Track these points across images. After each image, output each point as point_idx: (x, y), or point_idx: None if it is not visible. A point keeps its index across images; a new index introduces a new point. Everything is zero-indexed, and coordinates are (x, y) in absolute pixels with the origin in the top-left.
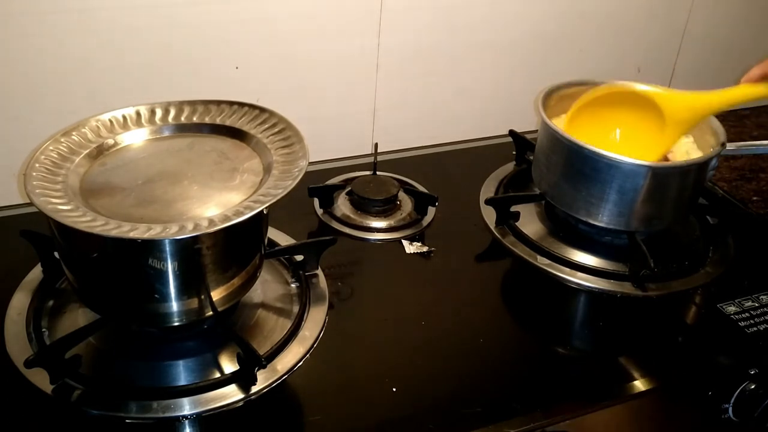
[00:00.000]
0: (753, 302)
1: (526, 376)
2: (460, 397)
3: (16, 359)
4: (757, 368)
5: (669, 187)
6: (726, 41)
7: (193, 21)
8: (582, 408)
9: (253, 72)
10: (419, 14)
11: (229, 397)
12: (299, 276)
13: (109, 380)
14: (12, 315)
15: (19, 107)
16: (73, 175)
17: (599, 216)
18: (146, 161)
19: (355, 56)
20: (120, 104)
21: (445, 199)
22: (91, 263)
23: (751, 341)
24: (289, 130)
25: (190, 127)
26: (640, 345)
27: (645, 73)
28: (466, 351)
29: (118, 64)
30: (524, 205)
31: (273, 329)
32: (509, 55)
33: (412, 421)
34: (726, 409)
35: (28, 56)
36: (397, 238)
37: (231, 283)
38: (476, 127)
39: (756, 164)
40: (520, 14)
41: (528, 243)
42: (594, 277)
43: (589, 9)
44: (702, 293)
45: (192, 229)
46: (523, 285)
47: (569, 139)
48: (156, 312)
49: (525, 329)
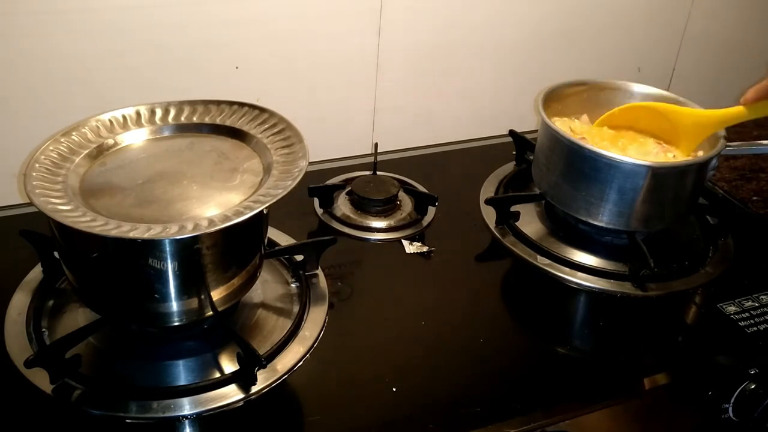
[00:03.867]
0: (753, 302)
1: (526, 376)
2: (460, 397)
3: (16, 359)
4: (757, 368)
5: (669, 187)
6: (726, 41)
7: (193, 21)
8: (582, 408)
9: (253, 72)
10: (419, 14)
11: (229, 397)
12: (299, 276)
13: (109, 380)
14: (12, 315)
15: (19, 107)
16: (73, 175)
17: (599, 216)
18: (146, 161)
19: (355, 56)
20: (120, 104)
21: (445, 199)
22: (91, 263)
23: (751, 341)
24: (289, 130)
25: (190, 127)
26: (640, 345)
27: (645, 73)
28: (466, 351)
29: (118, 64)
30: (524, 205)
31: (273, 329)
32: (509, 55)
33: (412, 421)
34: (726, 409)
35: (28, 56)
36: (397, 238)
37: (231, 283)
38: (476, 127)
39: (756, 164)
40: (521, 14)
41: (528, 243)
42: (594, 277)
43: (589, 9)
44: (702, 293)
45: (192, 229)
46: (523, 285)
47: (569, 139)
48: (156, 312)
49: (525, 329)
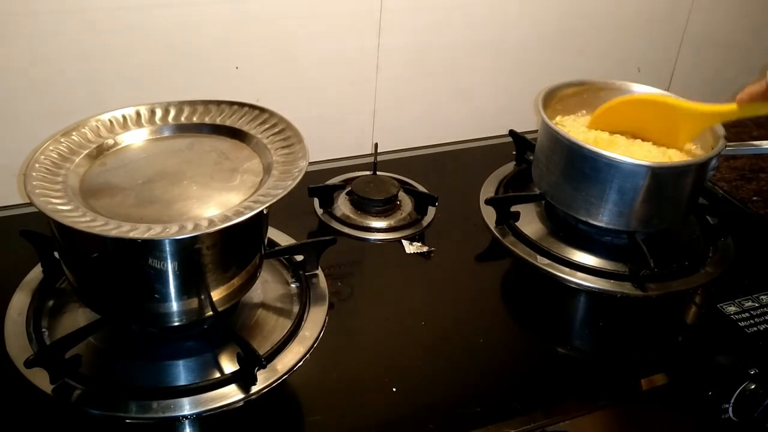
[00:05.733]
0: (753, 302)
1: (526, 376)
2: (460, 397)
3: (16, 359)
4: (757, 368)
5: (669, 187)
6: (726, 41)
7: (193, 21)
8: (582, 408)
9: (253, 72)
10: (419, 14)
11: (229, 397)
12: (299, 276)
13: (109, 380)
14: (12, 315)
15: (19, 107)
16: (73, 175)
17: (599, 216)
18: (146, 161)
19: (355, 56)
20: (120, 104)
21: (445, 199)
22: (91, 263)
23: (751, 341)
24: (289, 131)
25: (190, 127)
26: (640, 345)
27: (645, 73)
28: (466, 351)
29: (118, 64)
30: (524, 205)
31: (273, 329)
32: (509, 55)
33: (412, 421)
34: (726, 409)
35: (28, 56)
36: (397, 238)
37: (231, 283)
38: (476, 127)
39: (756, 164)
40: (521, 14)
41: (528, 243)
42: (594, 277)
43: (589, 9)
44: (702, 293)
45: (192, 229)
46: (523, 285)
47: (569, 139)
48: (156, 312)
49: (525, 329)
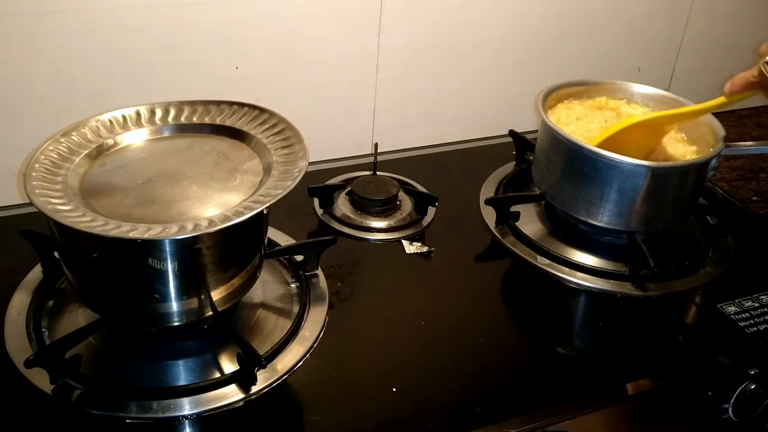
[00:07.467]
0: (753, 302)
1: (526, 376)
2: (460, 397)
3: (16, 359)
4: (757, 368)
5: (669, 187)
6: (726, 41)
7: (193, 21)
8: (582, 408)
9: (253, 72)
10: (419, 14)
11: (229, 397)
12: (299, 276)
13: (109, 380)
14: (12, 315)
15: (19, 107)
16: (72, 175)
17: (599, 216)
18: (146, 161)
19: (355, 56)
20: (120, 104)
21: (445, 199)
22: (91, 263)
23: (751, 341)
24: (289, 131)
25: (190, 127)
26: (640, 345)
27: (645, 73)
28: (466, 351)
29: (118, 64)
30: (524, 205)
31: (273, 329)
32: (509, 55)
33: (412, 421)
34: (726, 409)
35: (28, 56)
36: (397, 238)
37: (231, 283)
38: (476, 127)
39: (756, 164)
40: (521, 14)
41: (528, 243)
42: (594, 277)
43: (589, 9)
44: (702, 293)
45: (192, 229)
46: (523, 285)
47: (569, 139)
48: (156, 312)
49: (525, 329)
